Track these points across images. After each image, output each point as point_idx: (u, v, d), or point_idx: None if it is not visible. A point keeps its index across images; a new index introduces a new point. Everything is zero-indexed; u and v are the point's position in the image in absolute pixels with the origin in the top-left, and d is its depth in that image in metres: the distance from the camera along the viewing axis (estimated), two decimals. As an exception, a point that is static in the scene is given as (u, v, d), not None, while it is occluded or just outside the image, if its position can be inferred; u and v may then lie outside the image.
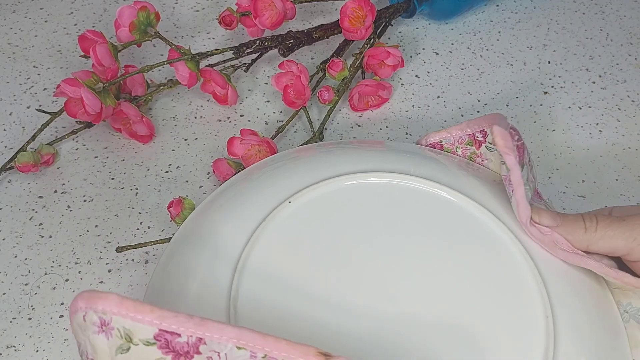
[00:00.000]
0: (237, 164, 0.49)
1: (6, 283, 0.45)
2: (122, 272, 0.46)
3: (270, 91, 0.58)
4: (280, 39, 0.57)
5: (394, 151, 0.43)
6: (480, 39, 0.64)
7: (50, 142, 0.52)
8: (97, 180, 0.51)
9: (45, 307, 0.44)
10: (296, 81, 0.52)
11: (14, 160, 0.50)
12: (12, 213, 0.49)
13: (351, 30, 0.54)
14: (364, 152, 0.42)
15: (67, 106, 0.50)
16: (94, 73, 0.49)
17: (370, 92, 0.55)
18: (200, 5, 0.66)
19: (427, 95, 0.58)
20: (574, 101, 0.58)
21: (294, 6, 0.57)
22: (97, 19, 0.64)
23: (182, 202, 0.46)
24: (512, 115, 0.57)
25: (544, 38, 0.64)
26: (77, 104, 0.49)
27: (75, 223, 0.49)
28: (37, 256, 0.47)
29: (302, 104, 0.53)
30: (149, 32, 0.52)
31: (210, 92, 0.55)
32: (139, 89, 0.54)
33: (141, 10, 0.51)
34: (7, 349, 0.42)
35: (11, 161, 0.50)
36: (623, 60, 0.62)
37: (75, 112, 0.50)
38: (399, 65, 0.56)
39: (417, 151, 0.43)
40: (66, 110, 0.50)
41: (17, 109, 0.56)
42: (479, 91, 0.59)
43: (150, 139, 0.54)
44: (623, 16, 0.66)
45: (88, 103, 0.47)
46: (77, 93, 0.47)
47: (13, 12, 0.65)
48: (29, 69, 0.59)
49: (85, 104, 0.47)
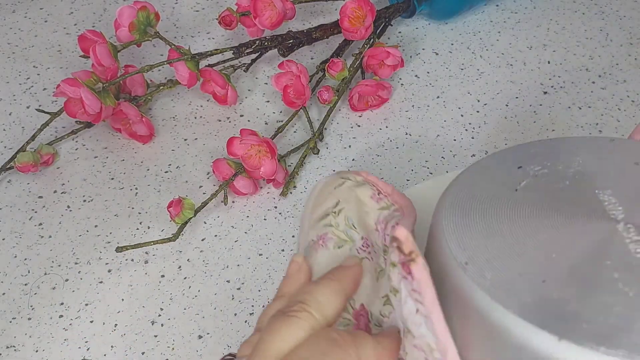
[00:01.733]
0: (237, 164, 0.49)
1: (6, 283, 0.45)
2: (122, 272, 0.46)
3: (270, 91, 0.58)
4: (280, 39, 0.57)
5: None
6: (480, 39, 0.64)
7: (50, 142, 0.52)
8: (97, 180, 0.51)
9: (45, 307, 0.44)
10: (296, 81, 0.52)
11: (13, 161, 0.50)
12: (12, 213, 0.49)
13: (351, 30, 0.54)
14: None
15: (66, 106, 0.50)
16: (93, 73, 0.49)
17: (370, 92, 0.55)
18: (200, 5, 0.66)
19: (427, 95, 0.58)
20: (574, 101, 0.58)
21: (294, 6, 0.57)
22: (97, 19, 0.64)
23: (182, 202, 0.46)
24: (512, 115, 0.57)
25: (544, 38, 0.64)
26: (77, 104, 0.49)
27: (75, 223, 0.49)
28: (37, 256, 0.47)
29: (301, 104, 0.53)
30: (148, 32, 0.52)
31: (210, 92, 0.55)
32: (138, 89, 0.54)
33: (141, 10, 0.51)
34: (7, 349, 0.42)
35: (11, 161, 0.50)
36: (623, 60, 0.62)
37: (75, 112, 0.50)
38: (398, 66, 0.56)
39: None
40: (66, 110, 0.50)
41: (16, 109, 0.56)
42: (479, 91, 0.59)
43: (150, 139, 0.54)
44: (623, 16, 0.66)
45: (88, 103, 0.47)
46: (77, 93, 0.47)
47: (13, 12, 0.65)
48: (29, 69, 0.59)
49: (85, 104, 0.47)
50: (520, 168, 0.34)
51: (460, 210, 0.32)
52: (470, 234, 0.31)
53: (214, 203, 0.50)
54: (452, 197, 0.33)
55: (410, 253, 0.29)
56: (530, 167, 0.34)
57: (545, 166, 0.34)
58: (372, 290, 0.35)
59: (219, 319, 0.44)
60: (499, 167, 0.35)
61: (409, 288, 0.29)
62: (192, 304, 0.45)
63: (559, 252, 0.29)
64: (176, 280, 0.46)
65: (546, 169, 0.34)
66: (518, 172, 0.34)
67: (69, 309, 0.44)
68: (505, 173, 0.34)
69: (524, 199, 0.32)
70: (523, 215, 0.31)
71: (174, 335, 0.43)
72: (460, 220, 0.32)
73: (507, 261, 0.29)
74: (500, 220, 0.31)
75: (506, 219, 0.31)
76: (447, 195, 0.34)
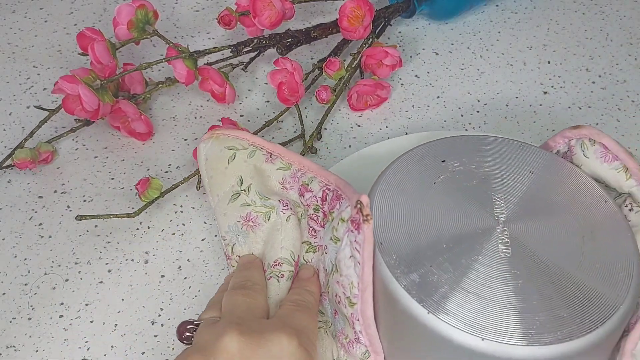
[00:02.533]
0: None
1: (6, 283, 0.45)
2: (122, 272, 0.46)
3: (270, 91, 0.58)
4: (278, 37, 0.57)
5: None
6: (480, 39, 0.64)
7: (49, 140, 0.52)
8: (97, 180, 0.51)
9: (44, 307, 0.44)
10: (290, 78, 0.52)
11: (11, 157, 0.50)
12: (12, 213, 0.49)
13: (350, 29, 0.54)
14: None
15: (64, 103, 0.50)
16: (92, 70, 0.49)
17: (369, 91, 0.55)
18: (200, 6, 0.66)
19: (427, 95, 0.58)
20: (574, 101, 0.58)
21: (293, 6, 0.57)
22: (97, 19, 0.64)
23: (149, 181, 0.47)
24: (512, 115, 0.57)
25: (544, 38, 0.64)
26: (75, 101, 0.49)
27: (75, 223, 0.49)
28: (37, 256, 0.47)
29: (295, 101, 0.53)
30: (147, 30, 0.52)
31: (209, 90, 0.55)
32: (137, 87, 0.54)
33: (139, 8, 0.51)
34: (7, 349, 0.42)
35: (8, 158, 0.50)
36: (623, 60, 0.62)
37: (73, 109, 0.49)
38: (397, 65, 0.56)
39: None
40: (64, 107, 0.50)
41: (17, 109, 0.56)
42: (479, 91, 0.59)
43: (148, 137, 0.54)
44: (623, 16, 0.66)
45: (85, 100, 0.47)
46: (75, 90, 0.47)
47: (13, 12, 0.65)
48: (29, 69, 0.59)
49: (83, 101, 0.47)
50: (444, 162, 0.41)
51: (388, 197, 0.39)
52: (391, 218, 0.38)
53: (214, 203, 0.50)
54: (384, 184, 0.40)
55: (367, 215, 0.35)
56: (451, 163, 0.41)
57: (463, 163, 0.41)
58: (298, 240, 0.42)
59: (218, 319, 0.44)
60: (427, 158, 0.41)
61: (352, 239, 0.36)
62: (192, 304, 0.45)
63: (449, 244, 0.36)
64: (176, 280, 0.46)
65: (462, 166, 0.41)
66: (440, 166, 0.41)
67: (69, 309, 0.44)
68: (431, 165, 0.41)
69: (438, 193, 0.39)
70: (434, 206, 0.38)
71: (174, 335, 0.43)
72: (386, 204, 0.39)
73: (409, 245, 0.36)
74: (416, 210, 0.38)
75: (420, 209, 0.38)
76: (380, 181, 0.40)
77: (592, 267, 0.35)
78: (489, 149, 0.42)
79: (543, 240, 0.37)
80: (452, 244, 0.36)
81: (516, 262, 0.35)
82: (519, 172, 0.41)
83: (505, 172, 0.41)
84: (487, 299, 0.34)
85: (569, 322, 0.33)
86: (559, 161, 0.42)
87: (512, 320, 0.33)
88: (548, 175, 0.41)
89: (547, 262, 0.36)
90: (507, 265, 0.35)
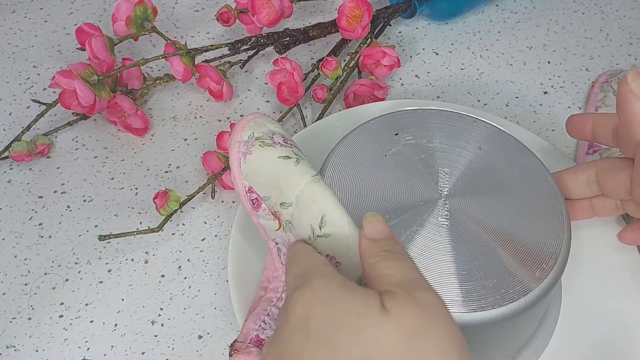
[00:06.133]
0: (227, 157, 0.49)
1: (6, 283, 0.45)
2: (121, 272, 0.46)
3: (269, 91, 0.58)
4: (276, 36, 0.57)
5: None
6: (480, 39, 0.64)
7: (46, 133, 0.52)
8: (97, 180, 0.51)
9: (44, 307, 0.44)
10: (289, 78, 0.52)
11: (8, 150, 0.50)
12: (12, 213, 0.49)
13: (348, 29, 0.54)
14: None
15: (61, 97, 0.50)
16: (89, 65, 0.49)
17: (365, 91, 0.55)
18: (200, 5, 0.66)
19: (427, 95, 0.58)
20: (574, 101, 0.58)
21: (292, 4, 0.57)
22: (97, 19, 0.64)
23: (168, 194, 0.46)
24: (512, 115, 0.57)
25: (543, 38, 0.64)
26: (72, 96, 0.49)
27: (75, 223, 0.49)
28: (37, 256, 0.47)
29: (294, 101, 0.53)
30: (145, 27, 0.52)
31: (206, 87, 0.55)
32: (135, 83, 0.55)
33: (138, 4, 0.51)
34: (7, 349, 0.42)
35: (5, 151, 0.50)
36: (623, 60, 0.62)
37: (70, 103, 0.49)
38: (395, 66, 0.55)
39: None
40: (60, 102, 0.50)
41: (16, 109, 0.56)
42: (479, 91, 0.59)
43: (145, 132, 0.54)
44: (623, 16, 0.66)
45: (81, 95, 0.47)
46: (71, 85, 0.47)
47: (13, 12, 0.65)
48: (29, 69, 0.59)
49: (79, 96, 0.47)
50: (397, 135, 0.42)
51: (340, 168, 0.40)
52: (340, 189, 0.39)
53: (214, 203, 0.50)
54: (337, 155, 0.41)
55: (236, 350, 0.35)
56: (403, 136, 0.42)
57: (415, 136, 0.42)
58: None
59: (219, 319, 0.44)
60: (380, 131, 0.42)
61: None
62: (192, 304, 0.45)
63: (392, 215, 0.38)
64: (176, 280, 0.46)
65: (414, 139, 0.42)
66: (393, 139, 0.42)
67: (69, 309, 0.44)
68: (384, 138, 0.42)
69: (388, 165, 0.40)
70: (382, 178, 0.40)
71: (174, 335, 0.43)
72: (337, 176, 0.40)
73: (355, 215, 0.36)
74: (365, 181, 0.39)
75: (369, 181, 0.39)
76: (333, 152, 0.41)
77: (524, 242, 0.37)
78: (442, 123, 0.43)
79: (481, 214, 0.38)
80: (395, 216, 0.38)
81: (454, 234, 0.37)
82: (467, 148, 0.42)
83: (454, 147, 0.42)
84: (425, 268, 0.36)
85: (493, 291, 0.35)
86: (509, 139, 0.43)
87: (450, 288, 0.35)
88: (495, 152, 0.42)
89: (483, 235, 0.37)
90: (445, 237, 0.37)
